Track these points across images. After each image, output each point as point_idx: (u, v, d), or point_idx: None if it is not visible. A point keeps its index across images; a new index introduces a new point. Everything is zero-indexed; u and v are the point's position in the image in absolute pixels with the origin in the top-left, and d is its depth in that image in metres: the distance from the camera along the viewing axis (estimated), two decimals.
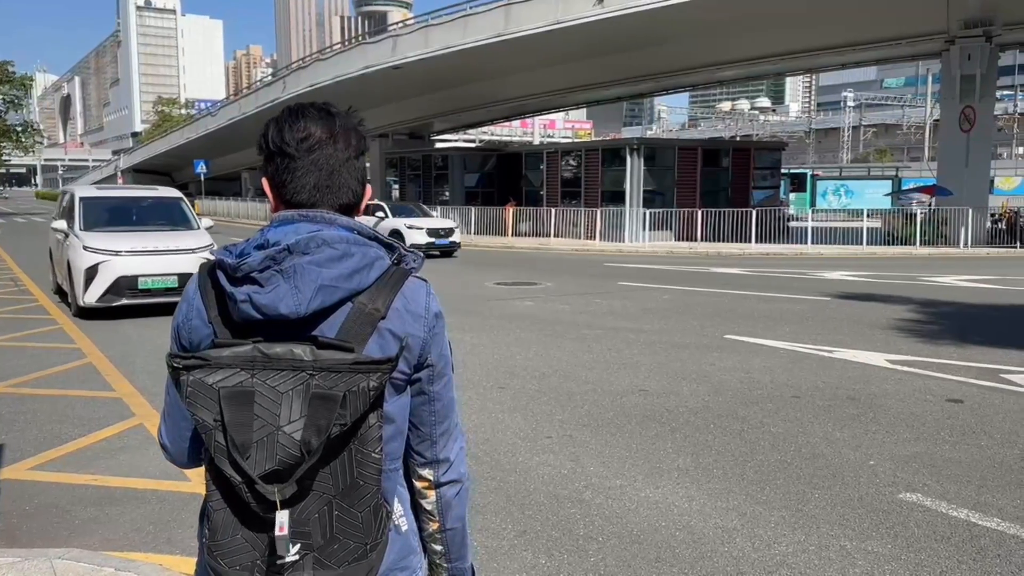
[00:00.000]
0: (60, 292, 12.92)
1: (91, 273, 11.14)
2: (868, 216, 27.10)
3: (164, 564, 3.87)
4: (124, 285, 11.26)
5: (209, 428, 1.32)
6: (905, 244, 25.01)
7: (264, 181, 1.54)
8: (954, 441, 5.97)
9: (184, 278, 9.12)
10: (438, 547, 1.62)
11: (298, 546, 1.33)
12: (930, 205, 25.95)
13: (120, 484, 5.10)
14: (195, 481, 5.15)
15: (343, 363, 1.33)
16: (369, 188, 1.58)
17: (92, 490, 5.01)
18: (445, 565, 1.63)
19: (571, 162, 30.43)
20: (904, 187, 36.22)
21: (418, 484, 1.60)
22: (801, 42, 27.06)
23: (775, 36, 26.64)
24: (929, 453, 5.69)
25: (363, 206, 1.56)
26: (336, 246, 1.40)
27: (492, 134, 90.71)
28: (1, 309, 12.51)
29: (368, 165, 1.96)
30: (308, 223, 1.45)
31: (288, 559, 1.32)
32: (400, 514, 1.51)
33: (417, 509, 1.60)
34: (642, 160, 26.92)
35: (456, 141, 58.75)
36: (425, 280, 1.54)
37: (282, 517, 1.30)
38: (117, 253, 11.27)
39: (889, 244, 25.56)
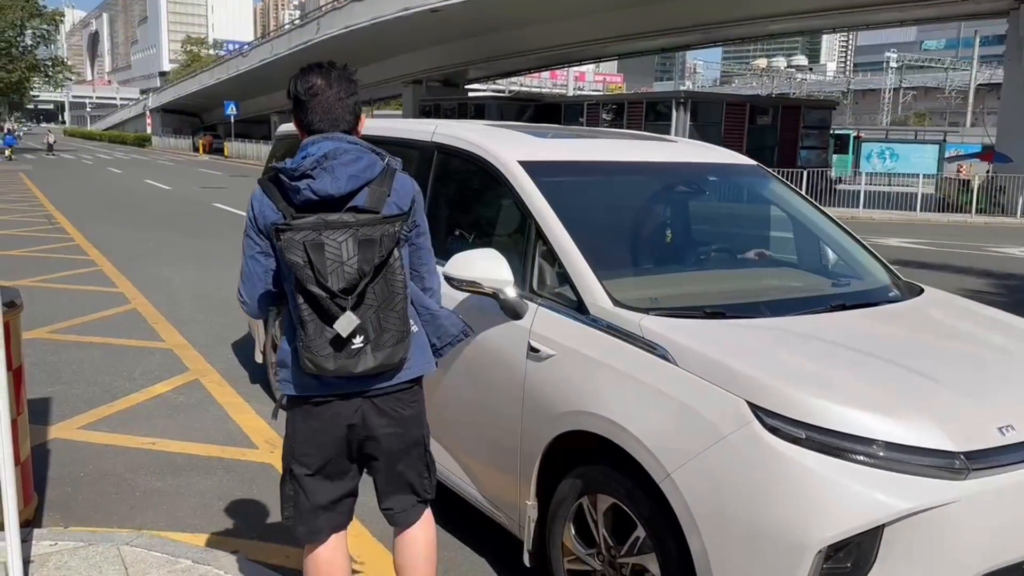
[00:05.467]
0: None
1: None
2: (922, 182, 26.07)
3: (243, 551, 3.38)
4: None
5: (300, 266, 2.05)
6: (959, 212, 24.04)
7: (293, 117, 2.33)
8: None
9: None
10: (436, 333, 2.47)
11: (361, 338, 2.11)
12: (988, 172, 24.85)
13: (181, 450, 4.62)
14: (263, 448, 4.67)
15: (376, 219, 2.12)
16: (364, 118, 2.36)
17: (150, 456, 4.53)
18: (438, 343, 2.48)
19: (606, 116, 29.43)
20: (949, 152, 34.98)
21: None
22: None
23: None
24: None
25: (360, 128, 2.32)
26: (352, 153, 2.16)
27: (521, 85, 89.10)
28: (34, 248, 12.11)
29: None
30: (328, 141, 2.19)
31: (354, 345, 2.12)
32: (412, 324, 2.29)
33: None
34: (688, 115, 25.96)
35: (485, 91, 57.55)
36: (406, 173, 2.34)
37: (348, 315, 2.08)
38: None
39: (942, 211, 24.60)
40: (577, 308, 2.97)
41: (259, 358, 5.53)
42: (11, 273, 9.77)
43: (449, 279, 3.11)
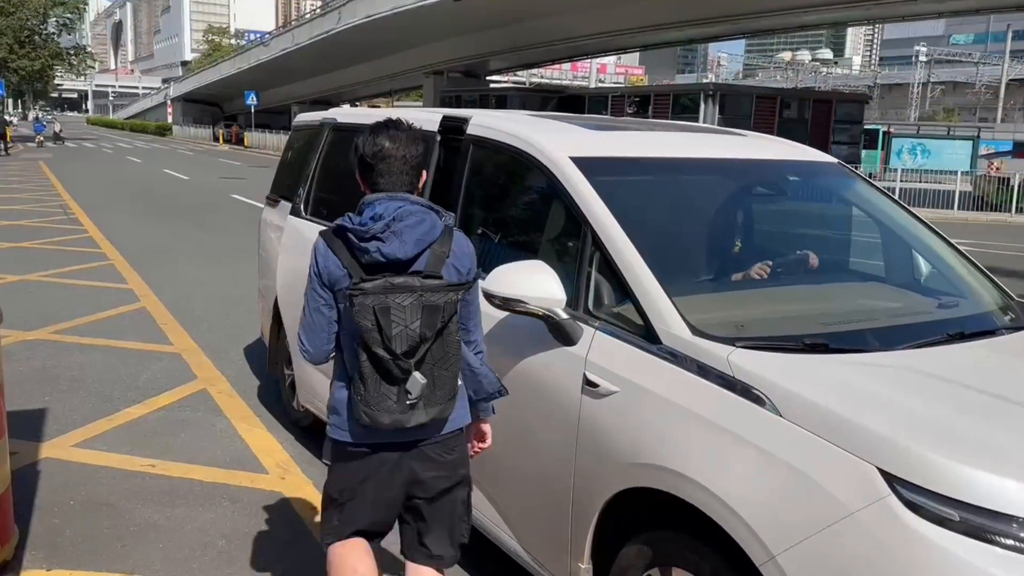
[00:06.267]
0: None
1: None
2: (952, 180, 25.26)
3: None
4: None
5: (369, 329, 2.13)
6: (998, 211, 23.26)
7: (358, 173, 2.35)
8: None
9: None
10: (473, 387, 2.45)
11: (416, 395, 2.19)
12: None
13: (183, 474, 4.17)
14: (273, 474, 4.21)
15: (441, 286, 2.19)
16: (425, 173, 2.38)
17: (149, 482, 4.08)
18: (474, 397, 2.46)
19: (631, 108, 28.75)
20: (983, 148, 34.06)
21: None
22: None
23: None
24: None
25: (421, 186, 2.37)
26: (416, 215, 2.23)
27: (541, 77, 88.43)
28: (48, 239, 11.74)
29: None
30: (393, 201, 2.25)
31: (409, 401, 2.18)
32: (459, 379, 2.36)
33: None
34: (717, 107, 25.29)
35: (505, 83, 56.91)
36: (461, 230, 2.39)
37: (416, 375, 2.17)
38: None
39: (980, 210, 23.82)
40: (645, 335, 2.46)
41: (270, 369, 5.05)
42: (20, 266, 9.40)
43: (489, 296, 2.63)
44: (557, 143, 3.04)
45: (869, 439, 1.90)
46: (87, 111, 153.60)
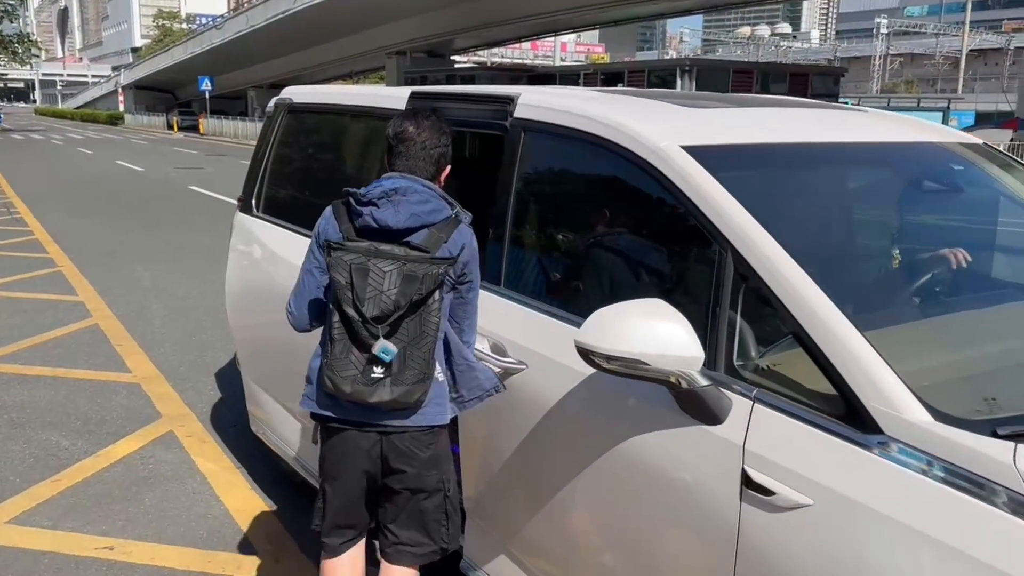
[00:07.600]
0: None
1: None
2: None
3: None
4: None
5: (342, 286, 2.12)
6: None
7: (385, 155, 2.37)
8: None
9: None
10: (468, 383, 2.32)
11: (382, 369, 2.13)
12: (1011, 140, 23.72)
13: (149, 559, 3.28)
14: (264, 553, 3.34)
15: (424, 258, 2.15)
16: (447, 168, 2.37)
17: (107, 573, 3.19)
18: (455, 396, 2.33)
19: (598, 85, 27.97)
20: (952, 119, 33.88)
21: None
22: None
23: None
24: None
25: (443, 177, 2.35)
26: (422, 194, 2.22)
27: (502, 57, 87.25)
28: None
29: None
30: (404, 180, 2.25)
31: (374, 375, 2.12)
32: (438, 370, 2.24)
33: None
34: (694, 83, 24.53)
35: (467, 63, 55.62)
36: (471, 227, 2.28)
37: (380, 343, 2.10)
38: None
39: None
40: (846, 416, 1.64)
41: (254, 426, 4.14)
42: None
43: (587, 353, 1.80)
44: (658, 127, 2.19)
45: None
46: (35, 101, 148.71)
